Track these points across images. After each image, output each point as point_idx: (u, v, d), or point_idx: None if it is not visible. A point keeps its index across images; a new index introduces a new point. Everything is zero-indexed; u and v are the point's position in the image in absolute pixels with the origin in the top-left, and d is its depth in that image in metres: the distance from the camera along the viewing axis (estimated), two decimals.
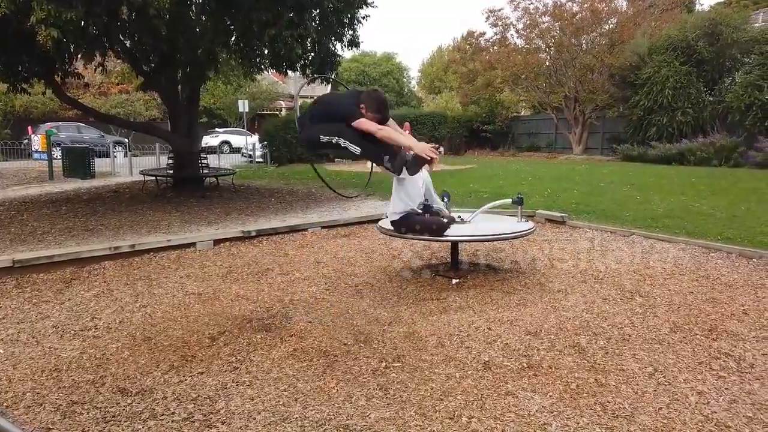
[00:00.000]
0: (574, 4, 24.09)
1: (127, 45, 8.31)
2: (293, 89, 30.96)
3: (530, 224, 5.75)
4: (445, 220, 5.33)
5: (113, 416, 2.96)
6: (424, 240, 5.92)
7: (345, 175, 15.68)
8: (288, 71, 12.37)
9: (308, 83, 12.84)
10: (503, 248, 6.88)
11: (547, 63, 25.26)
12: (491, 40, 26.55)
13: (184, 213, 9.03)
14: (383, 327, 4.28)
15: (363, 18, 12.00)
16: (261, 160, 21.16)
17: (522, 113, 31.47)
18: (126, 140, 23.85)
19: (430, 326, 4.28)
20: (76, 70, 9.31)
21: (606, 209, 9.20)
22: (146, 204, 9.96)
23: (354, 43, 12.36)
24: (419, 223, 5.29)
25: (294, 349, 3.84)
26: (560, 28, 24.16)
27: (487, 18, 25.64)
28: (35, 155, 21.61)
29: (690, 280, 5.47)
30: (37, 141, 21.69)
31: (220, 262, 6.29)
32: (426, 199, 5.46)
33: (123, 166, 19.16)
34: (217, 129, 31.99)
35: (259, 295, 5.10)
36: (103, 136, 25.59)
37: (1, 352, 3.84)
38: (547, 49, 25.10)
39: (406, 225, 5.29)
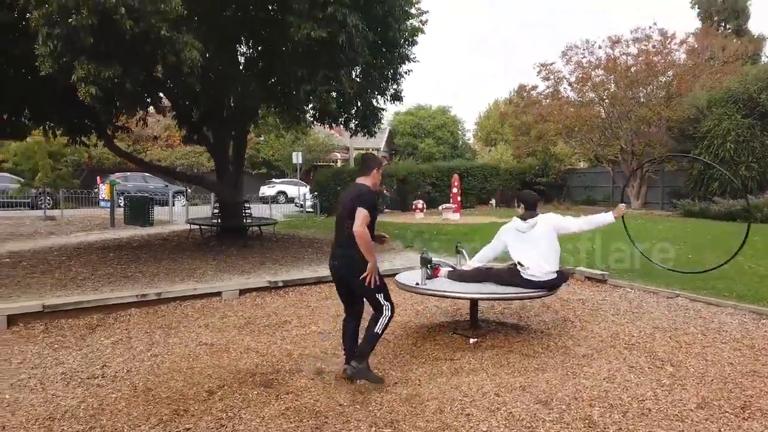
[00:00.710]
0: (629, 57, 23.74)
1: (167, 100, 8.76)
2: (348, 141, 31.70)
3: (536, 290, 5.46)
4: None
5: None
6: (449, 298, 5.75)
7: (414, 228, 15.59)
8: (332, 124, 12.69)
9: (351, 136, 13.04)
10: (533, 307, 6.59)
11: (602, 115, 24.80)
12: (543, 94, 26.44)
13: (221, 262, 9.20)
14: (386, 387, 4.11)
15: (405, 73, 12.23)
16: (311, 210, 21.53)
17: (581, 165, 30.87)
18: (186, 190, 24.87)
19: (436, 389, 4.08)
20: (126, 125, 9.91)
21: (652, 268, 8.66)
22: (188, 252, 10.23)
23: (397, 97, 12.58)
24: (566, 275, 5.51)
25: (287, 408, 3.73)
26: (614, 81, 23.79)
27: (539, 72, 25.65)
28: (102, 203, 22.80)
29: (732, 350, 5.01)
30: (104, 190, 22.92)
31: (241, 313, 6.30)
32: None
33: (180, 215, 19.87)
34: (274, 180, 32.98)
35: (270, 349, 5.04)
36: (167, 185, 26.81)
37: (7, 397, 3.92)
38: (601, 102, 24.70)
39: (563, 280, 5.41)
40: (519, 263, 5.21)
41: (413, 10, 12.44)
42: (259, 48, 9.30)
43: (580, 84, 25.01)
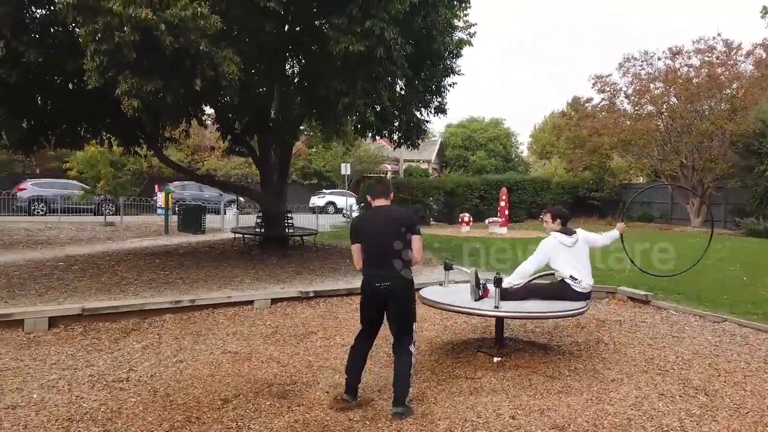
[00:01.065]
0: (690, 69, 22.81)
1: (209, 112, 9.08)
2: (398, 152, 31.81)
3: (582, 303, 5.28)
4: None
5: None
6: (473, 315, 5.64)
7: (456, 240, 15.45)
8: (375, 137, 12.77)
9: (394, 148, 13.09)
10: (566, 327, 6.37)
11: (661, 128, 23.89)
12: (599, 106, 25.73)
13: (259, 270, 9.37)
14: None
15: (450, 85, 12.20)
16: None
17: (641, 180, 29.83)
18: (238, 199, 25.53)
19: (450, 408, 4.00)
20: (172, 136, 10.33)
21: (702, 290, 8.25)
22: (230, 260, 10.47)
23: (441, 109, 12.56)
24: None
25: (296, 420, 3.73)
26: (674, 94, 22.90)
27: (594, 84, 24.98)
28: (158, 211, 23.70)
29: None
30: (161, 198, 23.82)
31: (270, 322, 6.39)
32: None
33: (231, 223, 20.36)
34: (324, 190, 33.45)
35: (291, 359, 5.08)
36: (221, 194, 27.61)
37: (35, 396, 4.10)
38: (660, 115, 23.80)
39: None
40: (572, 277, 5.23)
41: (460, 23, 12.42)
42: (301, 62, 9.49)
43: (637, 96, 24.22)
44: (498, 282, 4.90)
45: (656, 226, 24.03)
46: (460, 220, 20.41)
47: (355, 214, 22.01)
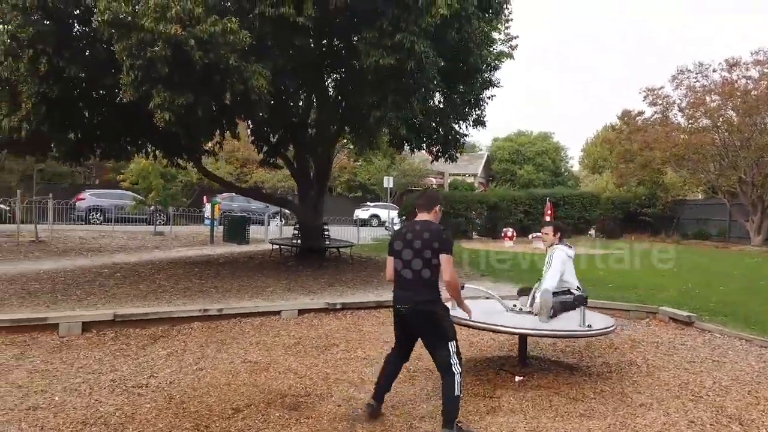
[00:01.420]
0: (749, 81, 21.81)
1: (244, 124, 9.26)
2: (443, 166, 31.69)
3: (611, 321, 5.07)
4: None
5: None
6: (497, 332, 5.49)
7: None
8: (413, 149, 12.74)
9: (432, 161, 13.04)
10: (598, 346, 6.12)
11: (717, 143, 22.89)
12: (651, 120, 24.90)
13: (292, 281, 9.44)
14: (410, 422, 3.98)
15: (488, 98, 12.07)
16: None
17: (698, 196, 28.63)
18: (282, 210, 25.93)
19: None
20: (212, 149, 10.65)
21: (752, 312, 7.79)
22: (265, 270, 10.61)
23: (480, 122, 12.42)
24: None
25: None
26: (731, 107, 21.92)
27: (645, 97, 24.23)
28: (206, 221, 24.34)
29: None
30: (208, 209, 24.47)
31: (294, 332, 6.40)
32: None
33: (275, 234, 20.69)
34: (368, 203, 33.63)
35: (309, 371, 5.06)
36: (267, 206, 28.12)
37: (56, 399, 4.22)
38: (716, 129, 22.81)
39: None
40: (578, 287, 5.43)
41: (501, 36, 12.31)
42: (337, 75, 9.58)
43: (692, 109, 23.32)
44: (584, 300, 5.01)
45: (712, 244, 22.94)
46: (503, 234, 20.08)
47: (396, 227, 22.03)
